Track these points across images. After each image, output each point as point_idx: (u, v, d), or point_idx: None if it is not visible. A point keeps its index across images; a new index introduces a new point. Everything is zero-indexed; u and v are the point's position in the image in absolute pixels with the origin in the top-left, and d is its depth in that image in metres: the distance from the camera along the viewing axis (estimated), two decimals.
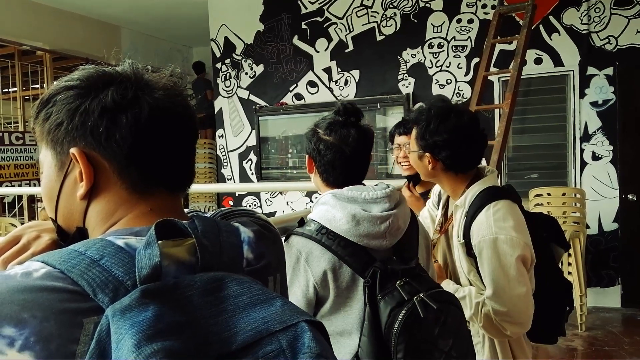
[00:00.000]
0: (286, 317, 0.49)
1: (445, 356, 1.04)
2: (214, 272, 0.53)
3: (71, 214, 0.61)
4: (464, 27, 4.54)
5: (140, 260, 0.50)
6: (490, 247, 1.36)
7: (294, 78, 5.25)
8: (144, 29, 6.63)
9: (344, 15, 4.97)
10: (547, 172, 4.38)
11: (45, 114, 0.60)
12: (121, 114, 0.58)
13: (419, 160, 1.52)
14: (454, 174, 1.50)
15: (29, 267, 0.51)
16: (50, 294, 0.48)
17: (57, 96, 0.60)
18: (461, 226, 1.46)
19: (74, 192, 0.60)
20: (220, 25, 5.54)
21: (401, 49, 4.76)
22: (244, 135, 5.56)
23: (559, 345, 3.43)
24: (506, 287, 1.35)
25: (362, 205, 1.16)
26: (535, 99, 4.41)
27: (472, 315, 1.40)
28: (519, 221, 1.41)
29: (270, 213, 5.44)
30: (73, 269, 0.50)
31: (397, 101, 4.76)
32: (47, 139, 0.60)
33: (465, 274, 1.47)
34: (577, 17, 4.19)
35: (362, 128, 1.23)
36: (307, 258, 1.14)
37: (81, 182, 0.59)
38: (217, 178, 6.45)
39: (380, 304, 1.06)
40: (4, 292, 0.48)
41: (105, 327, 0.45)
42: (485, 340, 1.47)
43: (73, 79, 0.61)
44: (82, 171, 0.58)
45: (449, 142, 1.43)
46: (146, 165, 0.60)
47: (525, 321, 1.37)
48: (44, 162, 0.62)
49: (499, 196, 1.43)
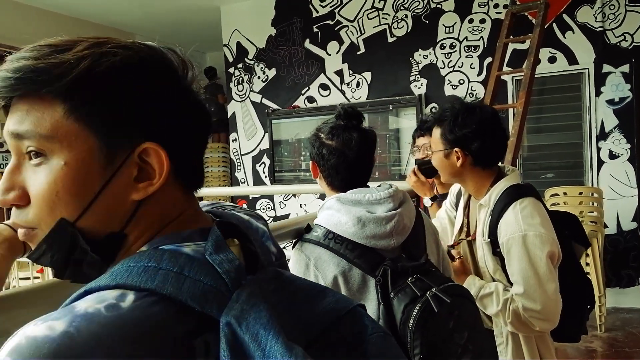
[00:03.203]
0: (345, 304, 0.52)
1: (462, 349, 1.04)
2: (270, 269, 0.53)
3: (112, 216, 0.51)
4: (476, 27, 4.52)
5: (221, 263, 0.47)
6: (520, 244, 1.36)
7: (305, 81, 5.27)
8: (157, 36, 6.68)
9: (355, 17, 4.98)
10: (563, 171, 4.33)
11: (96, 94, 0.48)
12: (189, 103, 0.54)
13: (444, 158, 1.51)
14: (480, 170, 1.50)
15: (105, 298, 0.43)
16: (156, 322, 0.42)
17: (123, 79, 0.49)
18: (486, 225, 1.46)
19: (126, 192, 0.50)
20: (233, 31, 5.60)
21: (413, 50, 4.75)
22: (257, 139, 5.59)
23: (578, 347, 3.38)
24: (537, 284, 1.35)
25: (366, 207, 1.17)
26: (550, 97, 4.37)
27: (499, 311, 1.40)
28: (545, 218, 1.41)
29: (284, 215, 5.46)
30: (164, 285, 0.44)
31: (410, 102, 4.75)
32: (93, 124, 0.49)
33: (490, 273, 1.46)
34: (591, 14, 4.14)
35: (364, 131, 1.24)
36: (317, 263, 1.14)
37: (141, 182, 0.50)
38: (230, 181, 6.50)
39: (394, 301, 1.07)
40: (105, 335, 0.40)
41: (232, 337, 0.42)
42: (508, 340, 1.46)
43: (140, 59, 0.51)
44: (156, 169, 0.50)
45: (479, 133, 1.44)
46: (197, 163, 0.56)
47: (555, 317, 1.38)
48: (65, 149, 0.48)
49: (525, 194, 1.43)
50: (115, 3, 5.38)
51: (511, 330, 1.43)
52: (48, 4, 5.23)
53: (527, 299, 1.35)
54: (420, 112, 4.70)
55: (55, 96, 0.47)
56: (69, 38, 0.50)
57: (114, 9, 5.54)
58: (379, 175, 4.87)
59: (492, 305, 1.41)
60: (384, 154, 4.95)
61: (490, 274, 1.46)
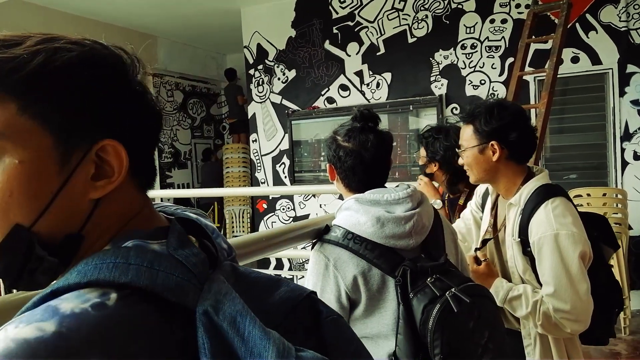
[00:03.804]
0: (299, 291, 0.55)
1: (482, 349, 1.04)
2: (226, 263, 0.54)
3: (70, 217, 0.48)
4: (498, 28, 4.48)
5: (187, 258, 0.48)
6: (552, 244, 1.34)
7: (325, 82, 5.30)
8: (179, 38, 6.82)
9: (375, 18, 4.99)
10: (587, 172, 4.27)
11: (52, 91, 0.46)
12: (143, 101, 0.53)
13: (479, 154, 1.49)
14: (514, 165, 1.49)
15: (88, 297, 0.42)
16: (144, 319, 0.43)
17: (78, 75, 0.47)
18: (516, 224, 1.44)
19: (84, 191, 0.48)
20: (253, 33, 5.65)
21: (433, 50, 4.74)
22: (277, 139, 5.64)
23: (602, 349, 3.33)
24: (568, 284, 1.33)
25: (385, 207, 1.17)
26: (573, 98, 4.31)
27: (529, 313, 1.38)
28: (577, 217, 1.39)
29: (303, 215, 5.50)
30: (139, 279, 0.43)
31: (430, 103, 4.74)
32: (49, 122, 0.46)
33: (519, 274, 1.45)
34: (615, 14, 4.08)
35: (380, 132, 1.24)
36: (336, 264, 1.15)
37: (99, 180, 0.49)
38: (251, 182, 6.56)
39: (413, 301, 1.07)
40: (98, 335, 0.40)
41: (210, 326, 0.43)
42: (537, 342, 1.45)
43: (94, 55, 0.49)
44: (114, 166, 0.49)
45: (515, 124, 1.45)
46: (150, 161, 0.55)
47: (586, 319, 1.35)
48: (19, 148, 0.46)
49: (556, 193, 1.42)
50: (138, 6, 5.48)
51: (542, 332, 1.41)
52: (73, 7, 5.36)
53: (557, 299, 1.33)
54: (440, 113, 4.69)
55: (7, 92, 0.45)
56: (15, 33, 0.48)
57: (137, 12, 5.65)
58: (399, 175, 4.88)
59: (521, 308, 1.39)
60: (403, 155, 4.95)
61: (520, 275, 1.45)
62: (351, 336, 0.55)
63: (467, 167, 1.55)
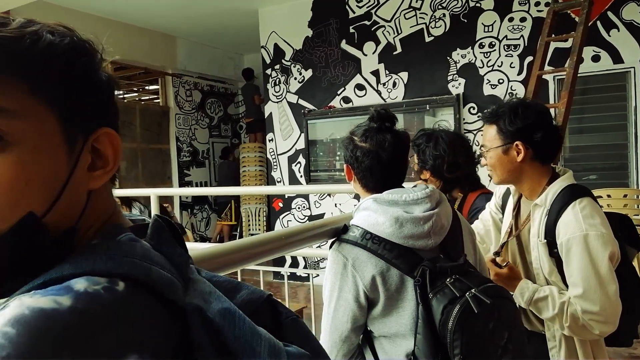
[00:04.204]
0: (259, 294, 0.56)
1: (502, 350, 1.04)
2: (191, 267, 0.54)
3: (71, 208, 0.47)
4: (516, 26, 4.44)
5: (172, 256, 0.49)
6: (581, 244, 1.32)
7: (341, 82, 5.30)
8: (198, 39, 6.89)
9: (392, 17, 4.98)
10: (607, 173, 4.20)
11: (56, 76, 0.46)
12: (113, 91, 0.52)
13: (503, 154, 1.47)
14: (539, 165, 1.47)
15: (99, 281, 0.41)
16: (152, 309, 0.43)
17: (75, 61, 0.47)
18: (542, 226, 1.42)
19: (84, 181, 0.47)
20: (270, 33, 5.68)
21: (451, 49, 4.71)
22: (293, 139, 5.66)
23: (620, 352, 3.28)
24: (597, 286, 1.31)
25: (403, 207, 1.17)
26: (593, 97, 4.24)
27: (556, 315, 1.36)
28: (604, 218, 1.37)
29: (319, 215, 5.51)
30: (134, 272, 0.43)
31: (447, 102, 4.71)
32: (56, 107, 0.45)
33: (545, 275, 1.43)
34: (637, 11, 4.00)
35: (397, 132, 1.24)
36: (354, 264, 1.15)
37: (98, 169, 0.48)
38: (267, 180, 6.60)
39: (432, 301, 1.07)
40: (112, 317, 0.39)
41: (203, 320, 0.44)
42: (562, 344, 1.43)
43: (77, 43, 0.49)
44: (109, 155, 0.48)
45: (540, 123, 1.43)
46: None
47: (615, 320, 1.33)
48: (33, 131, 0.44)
49: (583, 194, 1.40)
50: (158, 7, 5.56)
51: (569, 334, 1.38)
52: (94, 8, 5.45)
53: (586, 300, 1.31)
54: (457, 112, 4.66)
55: (20, 73, 0.44)
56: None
57: (158, 13, 5.73)
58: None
59: (547, 309, 1.37)
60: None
61: (545, 276, 1.43)
62: (309, 336, 0.57)
63: (491, 168, 1.52)
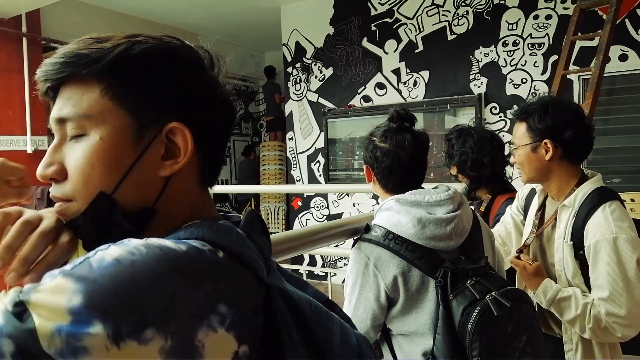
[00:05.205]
0: (322, 294, 0.62)
1: (520, 352, 1.05)
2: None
3: (143, 191, 0.54)
4: (541, 24, 4.36)
5: (259, 244, 0.54)
6: (610, 247, 1.33)
7: (362, 80, 5.29)
8: (220, 36, 6.95)
9: (414, 15, 4.94)
10: (632, 176, 4.10)
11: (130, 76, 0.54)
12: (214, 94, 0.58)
13: (531, 152, 1.46)
14: (568, 165, 1.46)
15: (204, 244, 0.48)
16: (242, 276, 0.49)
17: (156, 62, 0.55)
18: (569, 227, 1.42)
19: (154, 168, 0.54)
20: (292, 30, 5.70)
21: (473, 47, 4.65)
22: (313, 138, 5.67)
23: None
24: (624, 288, 1.31)
25: (426, 208, 1.18)
26: (619, 98, 4.14)
27: (578, 315, 1.36)
28: (632, 222, 1.38)
29: (337, 214, 5.51)
30: (232, 245, 0.50)
31: (469, 102, 4.66)
32: (126, 103, 0.53)
33: (568, 277, 1.42)
34: None
35: (416, 133, 1.25)
36: (376, 263, 1.17)
37: (168, 160, 0.55)
38: (286, 179, 6.62)
39: (453, 303, 1.08)
40: (203, 268, 0.45)
41: (287, 298, 0.52)
42: (578, 347, 1.43)
43: (170, 48, 0.56)
44: (181, 147, 0.54)
45: (571, 122, 1.41)
46: (218, 155, 0.61)
47: (638, 324, 1.33)
48: (100, 125, 0.53)
49: (612, 197, 1.40)
50: (180, 5, 5.62)
51: (589, 336, 1.38)
52: (120, 5, 5.55)
53: (611, 303, 1.32)
54: (479, 112, 4.60)
55: (93, 77, 0.53)
56: (106, 33, 0.57)
57: (181, 10, 5.80)
58: (434, 176, 4.81)
59: (570, 310, 1.37)
60: (439, 155, 4.88)
61: (567, 278, 1.42)
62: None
63: (519, 166, 1.51)
